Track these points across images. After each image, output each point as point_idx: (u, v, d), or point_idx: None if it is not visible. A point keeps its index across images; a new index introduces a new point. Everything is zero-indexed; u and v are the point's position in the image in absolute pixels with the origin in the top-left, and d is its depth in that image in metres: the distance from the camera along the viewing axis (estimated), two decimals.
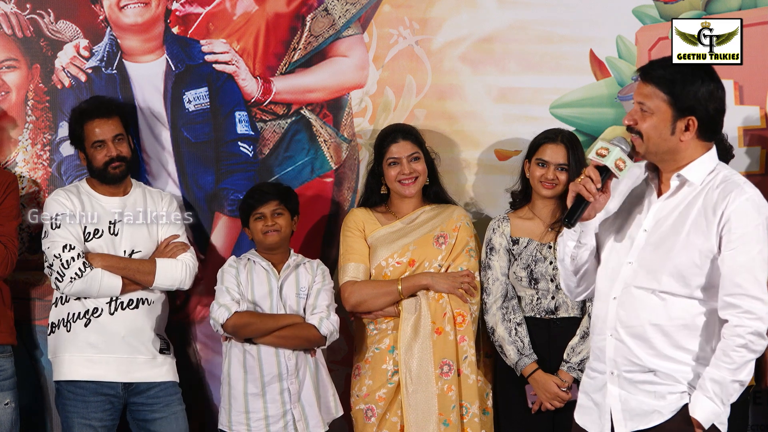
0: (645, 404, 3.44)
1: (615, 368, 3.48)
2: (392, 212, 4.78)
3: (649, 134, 3.44)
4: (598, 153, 3.42)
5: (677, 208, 3.46)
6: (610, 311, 3.48)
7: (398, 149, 4.70)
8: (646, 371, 3.44)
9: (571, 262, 3.58)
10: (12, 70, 5.04)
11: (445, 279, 4.61)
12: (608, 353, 3.48)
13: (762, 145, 5.02)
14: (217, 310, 4.59)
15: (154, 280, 4.66)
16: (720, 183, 3.45)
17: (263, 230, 4.67)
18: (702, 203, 3.43)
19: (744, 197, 3.40)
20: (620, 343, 3.46)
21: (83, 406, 4.64)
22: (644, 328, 3.43)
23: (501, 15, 5.08)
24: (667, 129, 3.44)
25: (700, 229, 3.41)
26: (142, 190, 4.84)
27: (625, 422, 3.46)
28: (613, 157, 3.40)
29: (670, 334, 3.42)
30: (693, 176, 3.46)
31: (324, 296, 4.66)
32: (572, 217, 3.43)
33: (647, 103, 3.45)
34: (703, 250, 3.40)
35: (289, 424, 4.58)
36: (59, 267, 4.60)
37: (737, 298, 3.37)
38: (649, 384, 3.44)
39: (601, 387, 3.52)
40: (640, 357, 3.44)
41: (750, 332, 3.36)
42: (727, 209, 3.39)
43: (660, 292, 3.43)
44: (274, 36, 5.09)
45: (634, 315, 3.44)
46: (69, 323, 4.66)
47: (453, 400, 4.55)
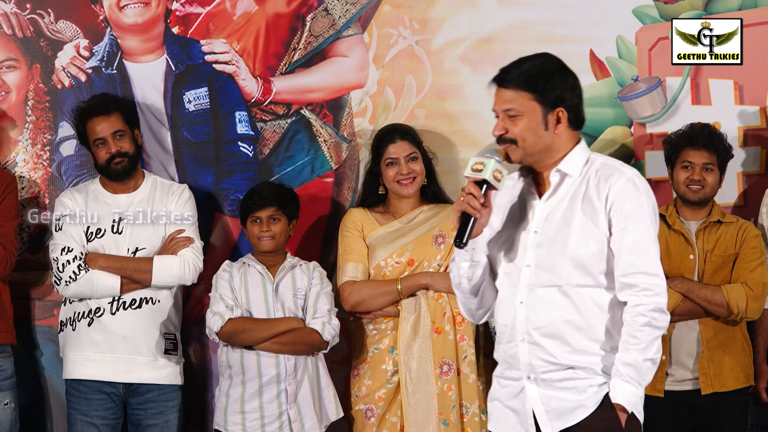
0: (568, 401, 3.40)
1: (531, 372, 3.43)
2: (390, 212, 4.77)
3: (524, 136, 3.41)
4: (474, 169, 3.39)
5: (562, 203, 3.44)
6: (519, 316, 3.43)
7: (396, 149, 4.70)
8: (564, 368, 3.40)
9: (468, 284, 3.52)
10: (12, 70, 5.04)
11: (444, 278, 4.60)
12: (522, 358, 3.43)
13: (762, 145, 5.02)
14: (211, 318, 4.58)
15: (152, 279, 4.66)
16: (598, 169, 3.45)
17: (258, 235, 4.67)
18: (585, 192, 3.43)
19: (624, 178, 3.41)
20: (534, 345, 3.42)
21: (85, 403, 4.65)
22: (556, 326, 3.40)
23: (501, 15, 5.08)
24: (540, 126, 3.41)
25: (589, 217, 3.40)
26: (153, 184, 4.82)
27: (551, 423, 3.41)
28: (489, 169, 3.36)
29: (582, 328, 3.40)
30: (571, 169, 3.44)
31: (324, 300, 4.65)
32: (463, 236, 3.38)
33: (514, 107, 3.41)
34: (597, 236, 3.39)
35: (284, 425, 4.57)
36: (56, 270, 4.62)
37: (633, 277, 3.37)
38: (569, 380, 3.40)
39: (518, 393, 3.47)
40: (556, 356, 3.40)
41: (651, 309, 3.35)
42: (610, 192, 3.39)
43: (565, 286, 3.40)
44: (274, 36, 5.09)
45: (544, 315, 3.40)
46: (75, 322, 4.67)
47: (453, 400, 4.55)
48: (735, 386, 4.61)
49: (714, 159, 4.63)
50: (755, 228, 4.70)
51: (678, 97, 5.05)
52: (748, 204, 5.00)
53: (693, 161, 4.63)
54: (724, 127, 4.98)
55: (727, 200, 4.98)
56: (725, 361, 4.59)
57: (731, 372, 4.60)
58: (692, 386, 4.59)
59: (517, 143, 3.42)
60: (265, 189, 4.73)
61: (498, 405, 3.55)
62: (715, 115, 5.01)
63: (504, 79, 3.46)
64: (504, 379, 3.53)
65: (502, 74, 3.48)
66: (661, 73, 5.05)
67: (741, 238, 4.64)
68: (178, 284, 4.72)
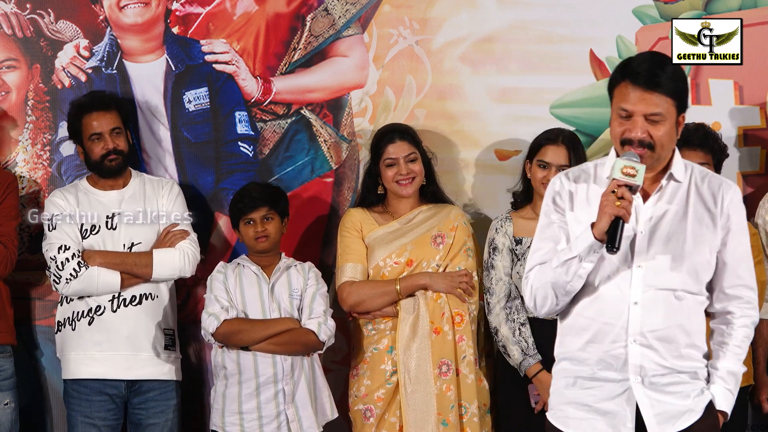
0: (677, 405, 3.39)
1: (641, 374, 3.39)
2: (389, 212, 4.77)
3: (663, 142, 3.35)
4: (625, 173, 3.27)
5: (670, 207, 3.42)
6: (633, 316, 3.38)
7: (395, 149, 4.70)
8: (674, 373, 3.40)
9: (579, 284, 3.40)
10: (12, 70, 5.04)
11: (443, 279, 4.61)
12: (632, 360, 3.38)
13: (762, 145, 5.02)
14: (206, 320, 4.59)
15: (152, 272, 4.66)
16: (703, 177, 3.46)
17: (254, 236, 4.67)
18: (696, 199, 3.42)
19: (732, 189, 3.45)
20: (647, 348, 3.38)
21: (87, 405, 4.65)
22: (671, 330, 3.38)
23: (501, 15, 5.08)
24: (674, 131, 3.39)
25: (705, 225, 3.40)
26: (141, 180, 4.83)
27: (660, 426, 3.38)
28: (641, 175, 3.28)
29: (689, 333, 3.41)
30: (679, 174, 3.44)
31: (320, 301, 4.65)
32: (615, 241, 3.27)
33: (661, 113, 3.33)
34: (711, 245, 3.41)
35: (282, 425, 4.57)
36: (55, 269, 4.62)
37: (739, 289, 3.44)
38: (675, 385, 3.40)
39: (617, 395, 3.41)
40: (667, 359, 3.39)
41: (752, 322, 3.48)
42: (724, 202, 3.42)
43: (680, 291, 3.39)
44: (274, 36, 5.09)
45: (661, 318, 3.37)
46: (74, 322, 4.68)
47: (452, 400, 4.55)
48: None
49: (710, 159, 4.63)
50: (752, 227, 4.70)
51: None
52: (747, 204, 4.97)
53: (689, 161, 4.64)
54: (724, 127, 4.99)
55: None
56: None
57: None
58: None
59: (655, 149, 3.35)
60: (254, 190, 4.72)
61: (578, 408, 3.47)
62: (715, 115, 5.01)
63: (657, 84, 3.32)
64: (595, 381, 3.45)
65: (653, 77, 3.33)
66: None
67: None
68: (179, 277, 4.73)
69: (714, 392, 3.43)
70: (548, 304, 3.46)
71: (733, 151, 4.97)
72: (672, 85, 3.34)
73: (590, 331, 3.44)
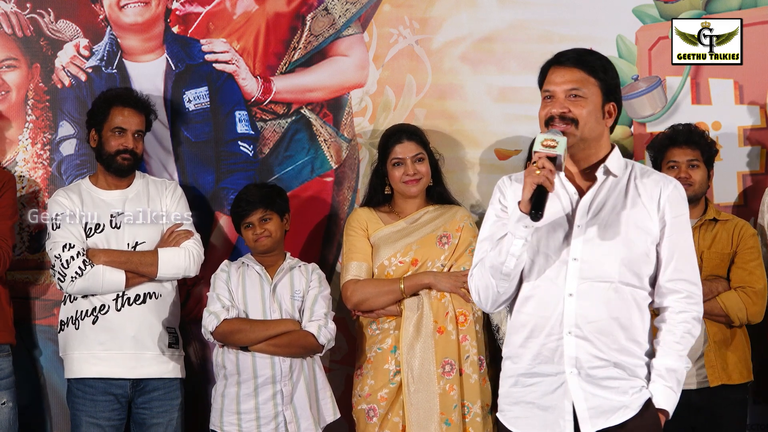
0: (610, 400, 3.39)
1: (577, 366, 3.39)
2: (396, 212, 4.78)
3: (586, 119, 3.40)
4: (545, 144, 3.32)
5: (608, 201, 3.44)
6: (567, 308, 3.39)
7: (402, 150, 4.70)
8: (610, 366, 3.39)
9: (514, 264, 3.39)
10: (12, 69, 5.04)
11: (447, 278, 4.61)
12: (567, 352, 3.39)
13: (762, 144, 5.03)
14: (207, 318, 4.60)
15: (157, 271, 4.66)
16: (642, 172, 3.49)
17: (254, 238, 4.68)
18: (633, 194, 3.45)
19: (672, 185, 3.47)
20: (582, 339, 3.38)
21: (92, 404, 4.65)
22: (608, 321, 3.39)
23: (501, 15, 5.09)
24: (600, 113, 3.43)
25: (641, 218, 3.42)
26: (145, 181, 4.83)
27: (592, 420, 3.38)
28: (561, 146, 3.32)
29: (626, 327, 3.40)
30: (615, 168, 3.46)
31: (321, 303, 4.65)
32: (540, 208, 3.28)
33: (581, 88, 3.40)
34: (647, 239, 3.42)
35: (280, 426, 4.57)
36: (60, 267, 4.60)
37: (678, 283, 3.43)
38: (612, 380, 3.39)
39: (554, 389, 3.42)
40: (604, 351, 3.38)
41: (693, 317, 3.44)
42: (662, 196, 3.43)
43: (617, 283, 3.40)
44: (274, 35, 5.09)
45: (597, 309, 3.38)
46: (77, 321, 4.67)
47: (455, 400, 4.55)
48: (739, 380, 4.64)
49: (698, 155, 4.66)
50: (751, 227, 4.71)
51: (678, 97, 5.06)
52: (748, 203, 5.01)
53: (678, 160, 4.66)
54: (724, 127, 5.00)
55: (727, 200, 5.00)
56: (729, 355, 4.63)
57: (735, 366, 4.63)
58: (694, 385, 4.59)
59: (577, 124, 3.39)
60: (250, 194, 4.72)
61: (524, 408, 3.48)
62: (715, 114, 5.03)
63: (570, 58, 3.43)
64: (532, 377, 3.46)
65: (578, 56, 3.44)
66: (661, 73, 5.06)
67: (738, 237, 4.66)
68: (183, 276, 4.73)
69: (653, 390, 3.41)
70: (490, 294, 3.47)
71: (734, 151, 4.98)
72: (596, 65, 3.42)
73: (528, 327, 3.46)
